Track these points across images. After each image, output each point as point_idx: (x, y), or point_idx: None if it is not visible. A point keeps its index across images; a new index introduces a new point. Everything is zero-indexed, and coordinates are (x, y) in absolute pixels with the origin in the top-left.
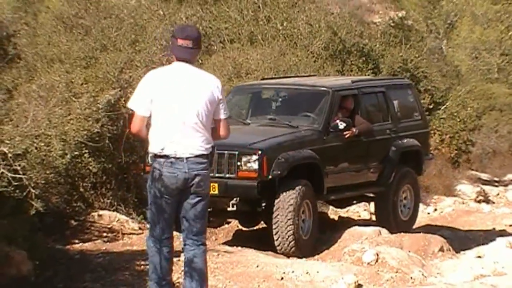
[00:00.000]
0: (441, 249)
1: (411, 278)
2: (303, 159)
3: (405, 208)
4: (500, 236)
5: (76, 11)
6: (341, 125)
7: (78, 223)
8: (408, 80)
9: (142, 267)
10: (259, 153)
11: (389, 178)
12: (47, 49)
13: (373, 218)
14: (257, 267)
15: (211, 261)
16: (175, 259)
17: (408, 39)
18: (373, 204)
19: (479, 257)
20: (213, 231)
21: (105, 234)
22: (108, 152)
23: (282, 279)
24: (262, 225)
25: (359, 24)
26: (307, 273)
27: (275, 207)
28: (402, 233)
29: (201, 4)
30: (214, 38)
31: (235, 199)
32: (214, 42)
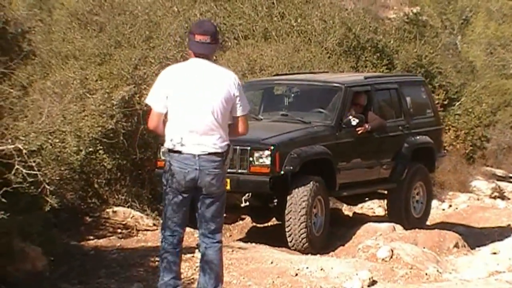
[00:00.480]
0: (456, 245)
1: (426, 274)
2: (315, 154)
3: (417, 204)
4: None
5: (90, 7)
6: (354, 121)
7: (92, 219)
8: (421, 77)
9: (157, 263)
10: (272, 148)
11: (401, 175)
12: (61, 45)
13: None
14: (271, 263)
15: (225, 257)
16: (189, 255)
17: (423, 35)
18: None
19: (494, 253)
20: (227, 227)
21: (119, 230)
22: (122, 149)
23: (296, 275)
24: (276, 221)
25: (373, 20)
26: (322, 269)
27: (288, 203)
28: (417, 229)
29: (215, 1)
30: (228, 35)
31: (247, 195)
32: (228, 38)
